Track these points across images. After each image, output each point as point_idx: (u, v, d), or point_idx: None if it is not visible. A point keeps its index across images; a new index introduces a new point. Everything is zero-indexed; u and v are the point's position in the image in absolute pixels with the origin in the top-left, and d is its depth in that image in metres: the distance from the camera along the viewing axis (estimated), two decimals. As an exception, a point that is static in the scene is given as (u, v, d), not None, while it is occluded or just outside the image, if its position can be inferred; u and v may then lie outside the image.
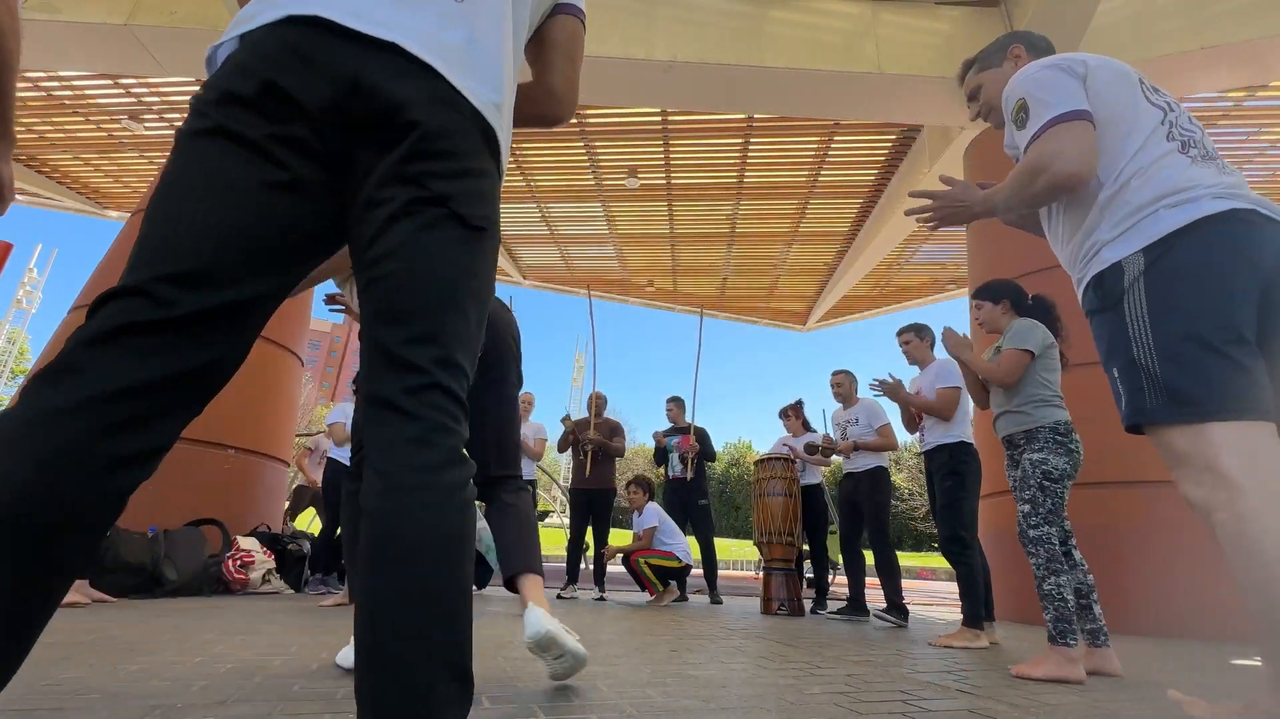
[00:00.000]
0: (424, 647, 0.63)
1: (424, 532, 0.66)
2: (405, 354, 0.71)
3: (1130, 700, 1.84)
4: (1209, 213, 1.16)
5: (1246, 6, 5.57)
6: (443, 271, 0.73)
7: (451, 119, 0.75)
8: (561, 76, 1.05)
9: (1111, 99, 1.32)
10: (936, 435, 3.45)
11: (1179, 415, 1.11)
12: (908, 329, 3.81)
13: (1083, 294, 1.34)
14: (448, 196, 0.73)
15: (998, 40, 1.73)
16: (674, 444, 5.70)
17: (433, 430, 0.69)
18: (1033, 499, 2.45)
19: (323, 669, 1.69)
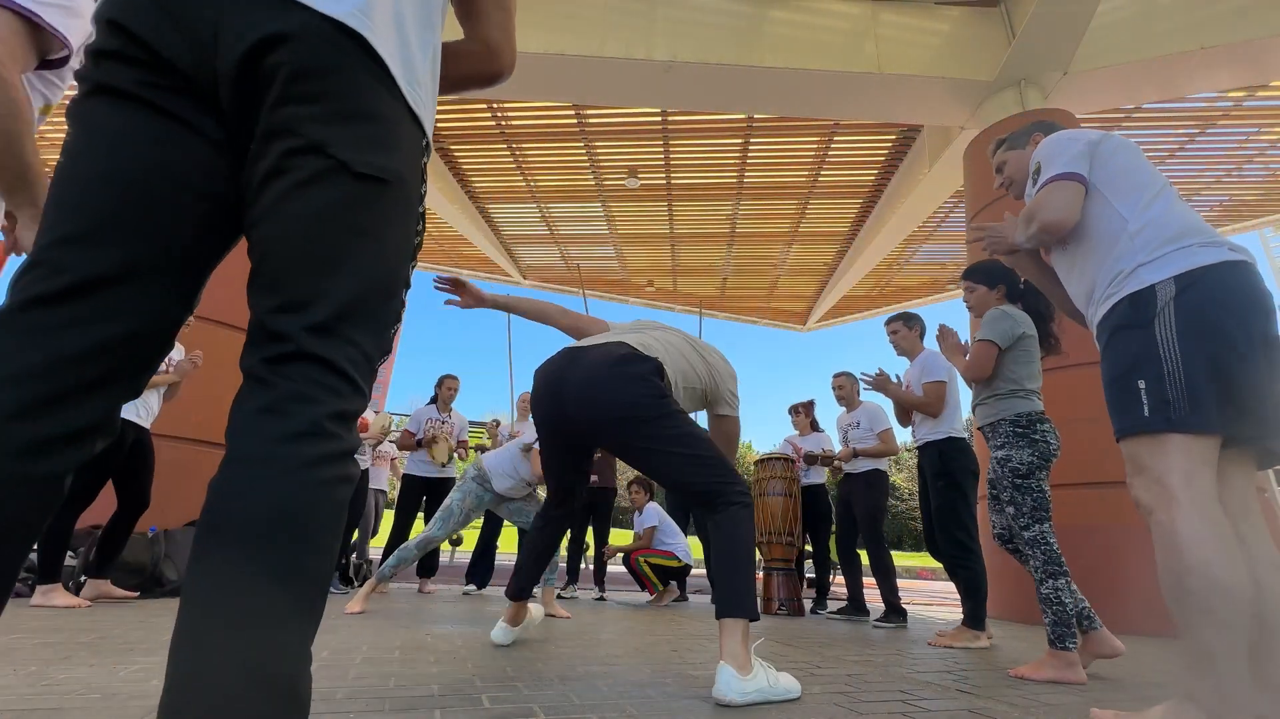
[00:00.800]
0: (232, 648, 0.54)
1: (256, 509, 0.58)
2: (270, 323, 0.65)
3: (1130, 700, 1.84)
4: (1231, 259, 1.38)
5: (1246, 6, 5.57)
6: (320, 232, 0.66)
7: (328, 56, 0.67)
8: (498, 29, 0.96)
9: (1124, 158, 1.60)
10: (925, 431, 3.42)
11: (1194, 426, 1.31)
12: (896, 318, 3.78)
13: (1112, 307, 1.49)
14: (324, 142, 0.66)
15: (1025, 127, 2.05)
16: None
17: (288, 399, 0.63)
18: (1012, 499, 2.40)
19: (322, 669, 1.69)
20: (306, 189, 0.66)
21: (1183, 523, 1.28)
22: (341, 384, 0.67)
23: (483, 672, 1.75)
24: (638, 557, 5.08)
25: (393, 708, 1.32)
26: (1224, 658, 1.20)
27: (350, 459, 0.67)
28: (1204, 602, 1.23)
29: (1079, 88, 6.00)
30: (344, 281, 0.67)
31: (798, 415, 5.25)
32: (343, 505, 0.65)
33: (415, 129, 0.76)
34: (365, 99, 0.69)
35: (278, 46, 0.65)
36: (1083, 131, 1.68)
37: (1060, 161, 1.62)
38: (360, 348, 0.69)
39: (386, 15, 0.72)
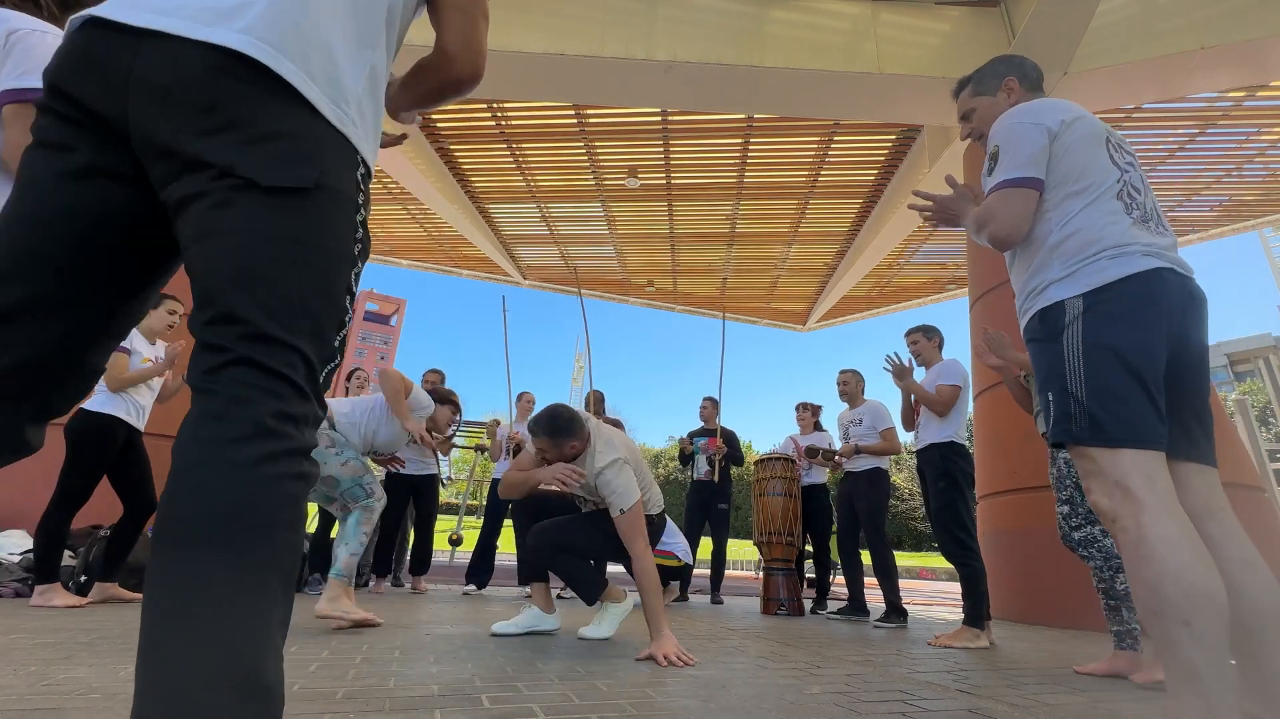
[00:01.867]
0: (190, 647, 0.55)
1: (203, 509, 0.60)
2: (206, 337, 0.69)
3: (1130, 700, 1.84)
4: (1139, 269, 1.35)
5: (1246, 6, 5.57)
6: (237, 248, 0.69)
7: (230, 87, 0.70)
8: (455, 35, 0.95)
9: (1076, 156, 1.50)
10: (930, 433, 3.47)
11: (1099, 440, 1.31)
12: (916, 330, 3.82)
13: (1027, 323, 1.51)
14: (232, 165, 0.69)
15: (993, 65, 1.82)
16: (701, 445, 5.69)
17: (229, 404, 0.66)
18: (1070, 499, 2.41)
19: (322, 669, 1.69)
20: (222, 209, 0.69)
21: (1152, 528, 1.22)
22: (281, 386, 0.69)
23: (483, 672, 1.74)
24: None
25: (393, 708, 1.32)
26: (1208, 674, 1.13)
27: (301, 456, 0.69)
28: (1182, 613, 1.16)
29: (1079, 88, 6.00)
30: (273, 291, 0.70)
31: (804, 413, 5.25)
32: (295, 499, 0.67)
33: (343, 147, 0.78)
34: (271, 121, 0.72)
35: (181, 85, 0.69)
36: (1047, 114, 1.53)
37: (1018, 159, 1.50)
38: (299, 353, 0.71)
39: (304, 38, 0.75)
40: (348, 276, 0.78)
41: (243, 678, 0.57)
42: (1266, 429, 35.78)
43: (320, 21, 0.77)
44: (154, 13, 0.71)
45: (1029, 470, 5.01)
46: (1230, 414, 9.05)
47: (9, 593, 3.14)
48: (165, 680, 0.55)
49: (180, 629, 0.56)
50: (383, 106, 0.89)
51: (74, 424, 3.05)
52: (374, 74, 0.84)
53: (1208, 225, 9.77)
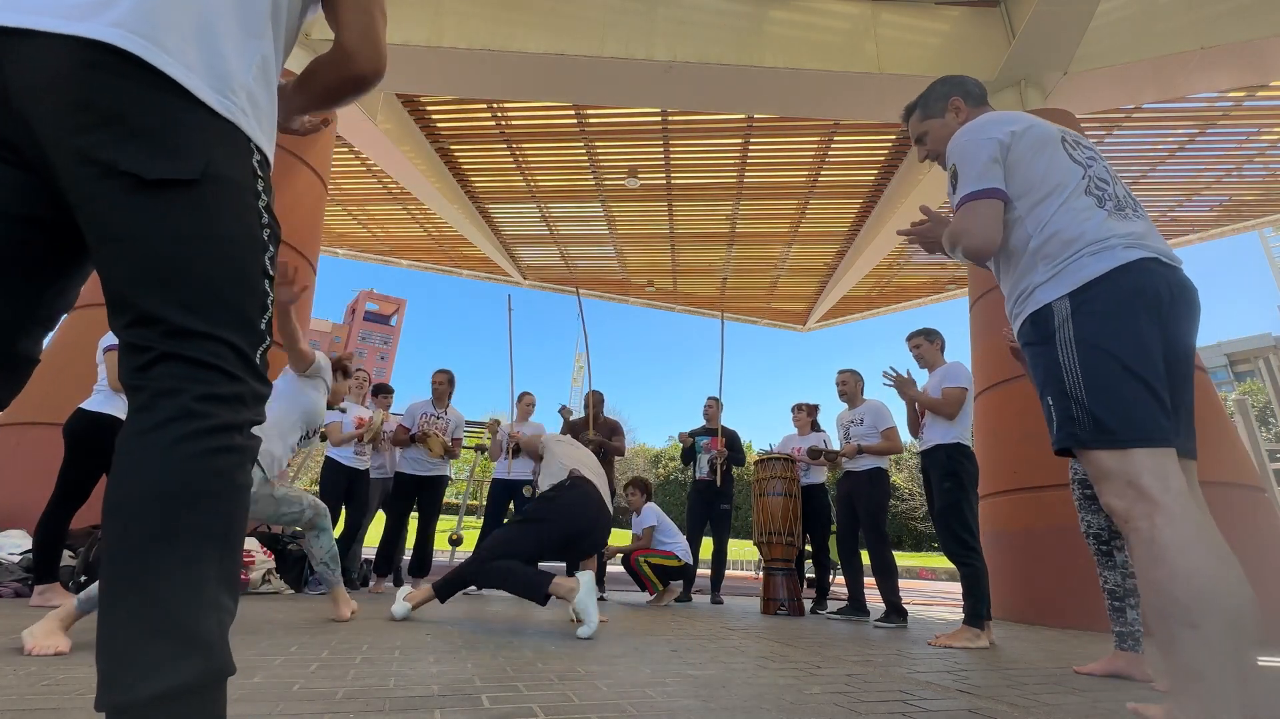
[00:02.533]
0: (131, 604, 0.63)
1: (135, 488, 0.66)
2: (128, 338, 0.72)
3: (1129, 700, 1.84)
4: (1122, 262, 1.34)
5: (1246, 6, 5.57)
6: (142, 248, 0.70)
7: (103, 81, 0.69)
8: (353, 31, 0.95)
9: (1033, 163, 1.51)
10: (935, 434, 3.46)
11: (1106, 442, 1.29)
12: (917, 334, 3.81)
13: (1019, 328, 1.52)
14: (115, 161, 0.69)
15: (935, 87, 1.87)
16: (703, 445, 5.68)
17: (155, 396, 0.70)
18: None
19: (322, 669, 1.69)
20: (116, 212, 0.70)
21: (1165, 529, 1.21)
22: (206, 373, 0.72)
23: (483, 672, 1.74)
24: (637, 557, 5.08)
25: (393, 708, 1.32)
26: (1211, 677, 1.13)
27: (230, 431, 0.72)
28: (1189, 615, 1.16)
29: (1079, 88, 6.00)
30: (184, 287, 0.71)
31: (800, 413, 5.25)
32: (224, 471, 0.71)
33: (232, 134, 0.78)
34: (150, 114, 0.71)
35: (55, 83, 0.68)
36: (995, 127, 1.55)
37: (974, 173, 1.52)
38: (223, 341, 0.73)
39: (183, 27, 0.74)
40: (261, 261, 0.79)
41: (179, 632, 0.64)
42: (1266, 429, 35.78)
43: (200, 12, 0.76)
44: (21, 11, 0.69)
45: (1029, 470, 5.01)
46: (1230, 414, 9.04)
47: (9, 593, 3.14)
48: (113, 638, 0.63)
49: (123, 595, 0.64)
50: (275, 98, 0.88)
51: (71, 424, 3.05)
52: (265, 64, 0.84)
53: (1208, 225, 9.77)
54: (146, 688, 0.61)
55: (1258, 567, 3.97)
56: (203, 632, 0.65)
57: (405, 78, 6.42)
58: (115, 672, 0.62)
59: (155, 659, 0.62)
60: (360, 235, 11.37)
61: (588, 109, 7.43)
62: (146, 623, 0.63)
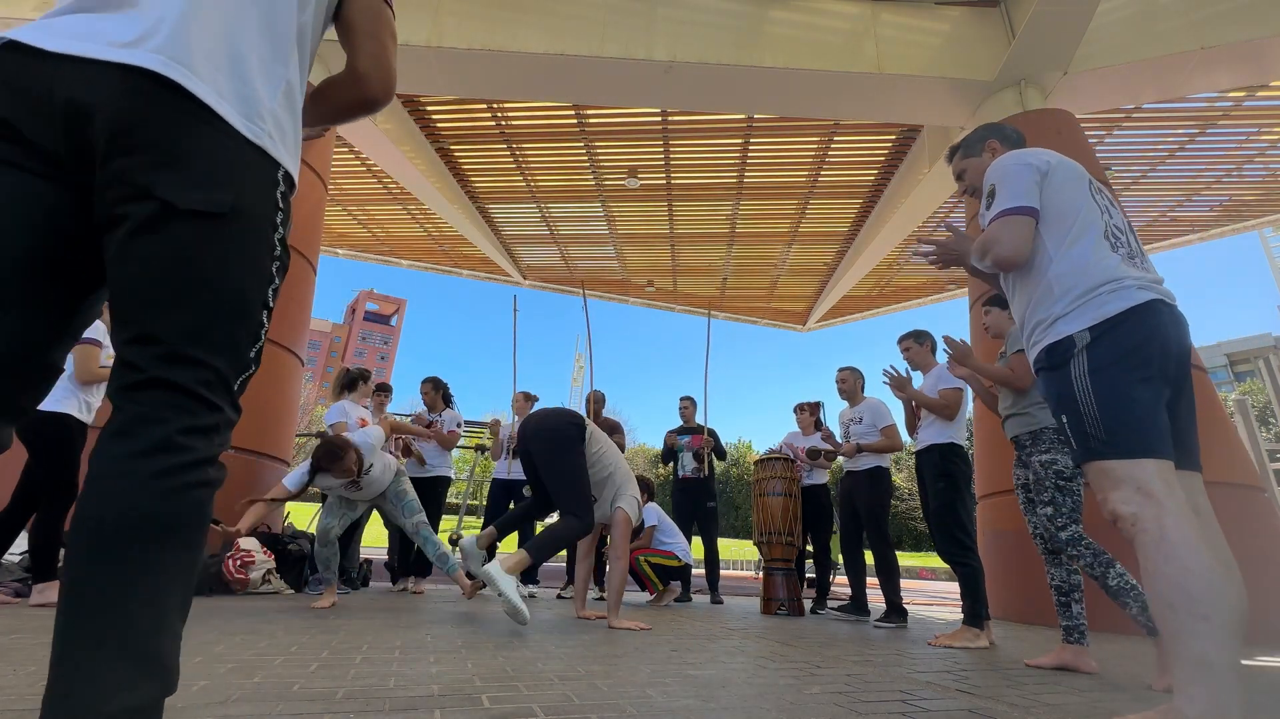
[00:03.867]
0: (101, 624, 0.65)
1: (109, 515, 0.68)
2: (123, 354, 0.74)
3: (1130, 700, 1.84)
4: (1138, 302, 1.48)
5: (1246, 6, 5.57)
6: (157, 271, 0.73)
7: (143, 107, 0.73)
8: (366, 58, 1.02)
9: (1065, 195, 1.65)
10: (930, 434, 3.47)
11: (1120, 452, 1.40)
12: (907, 336, 3.81)
13: (1036, 354, 1.63)
14: (150, 185, 0.72)
15: (978, 132, 2.12)
16: (685, 443, 5.68)
17: (134, 422, 0.72)
18: (1053, 500, 2.50)
19: (322, 669, 1.69)
20: (142, 233, 0.73)
21: (1174, 529, 1.29)
22: (191, 403, 0.75)
23: (483, 672, 1.75)
24: (637, 556, 5.08)
25: (393, 708, 1.32)
26: (1219, 667, 1.19)
27: (205, 466, 0.75)
28: (1201, 607, 1.22)
29: (1079, 88, 6.00)
30: (188, 312, 0.75)
31: (802, 414, 5.24)
32: (198, 505, 0.74)
33: (262, 160, 0.81)
34: (187, 140, 0.75)
35: (97, 106, 0.72)
36: (1034, 156, 1.71)
37: (1014, 192, 1.66)
38: (212, 368, 0.77)
39: (214, 55, 0.79)
40: (265, 294, 0.83)
41: (144, 656, 0.67)
42: (1266, 429, 35.77)
43: (231, 41, 0.81)
44: (71, 38, 0.74)
45: (1029, 470, 5.00)
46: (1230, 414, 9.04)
47: (9, 593, 3.14)
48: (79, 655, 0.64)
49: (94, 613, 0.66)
50: (300, 120, 0.93)
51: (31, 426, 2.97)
52: (289, 90, 0.89)
53: (1208, 225, 9.77)
54: (107, 706, 0.64)
55: (1258, 567, 3.97)
56: (164, 656, 0.69)
57: (405, 78, 6.41)
58: (77, 688, 0.64)
59: (120, 680, 0.65)
60: (360, 235, 11.37)
61: (588, 109, 7.43)
62: (116, 645, 0.65)
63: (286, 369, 5.47)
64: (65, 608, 0.67)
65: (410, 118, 7.80)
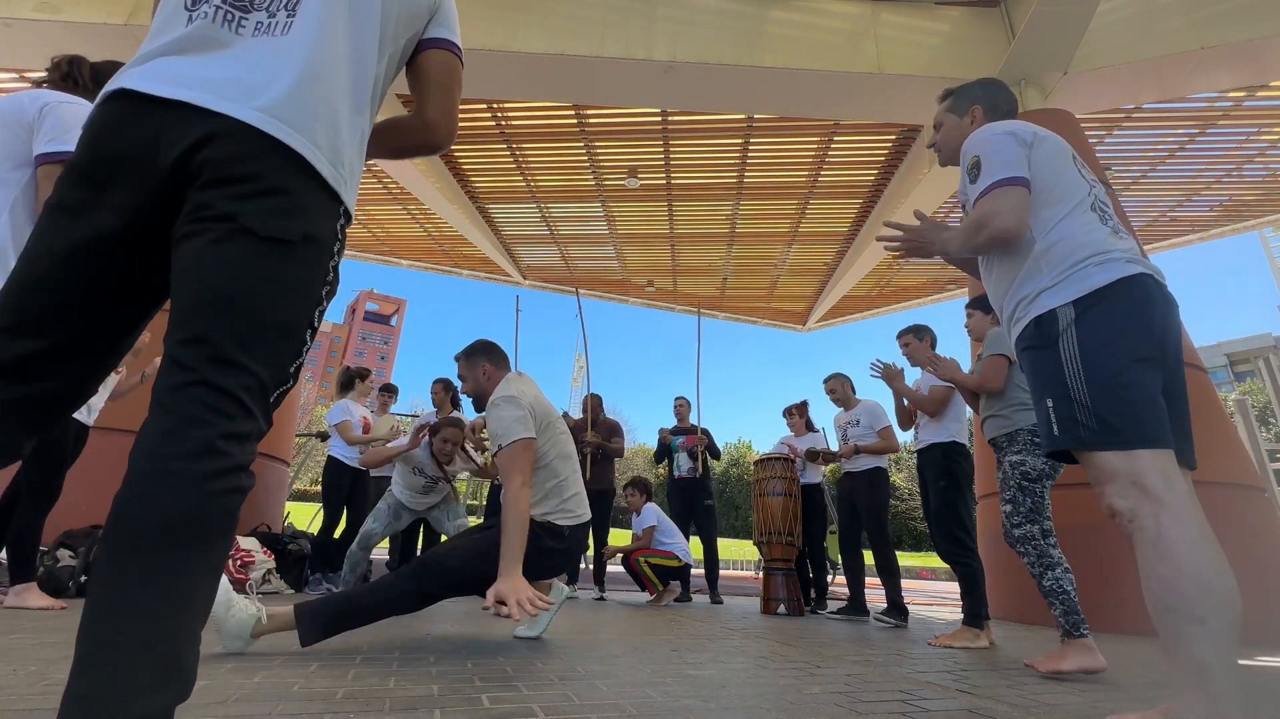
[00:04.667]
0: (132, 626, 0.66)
1: (153, 517, 0.69)
2: (175, 354, 0.77)
3: (1129, 701, 1.84)
4: (1125, 274, 1.41)
5: (1246, 6, 5.57)
6: (222, 280, 0.78)
7: (243, 153, 0.80)
8: (436, 108, 1.10)
9: (1051, 169, 1.57)
10: (929, 433, 3.47)
11: (1113, 443, 1.32)
12: (906, 331, 3.81)
13: (1021, 331, 1.55)
14: (235, 213, 0.78)
15: (972, 87, 1.95)
16: (679, 443, 5.69)
17: (183, 423, 0.74)
18: (1013, 499, 2.54)
19: (322, 669, 1.69)
20: (217, 245, 0.78)
21: (1171, 527, 1.24)
22: (233, 408, 0.78)
23: (483, 672, 1.75)
24: (637, 557, 5.08)
25: (393, 708, 1.32)
26: (1218, 671, 1.15)
27: (241, 473, 0.78)
28: (1197, 610, 1.18)
29: (1079, 88, 6.00)
30: (244, 321, 0.79)
31: (792, 417, 5.25)
32: (231, 512, 0.76)
33: (331, 202, 0.89)
34: (275, 180, 0.82)
35: (202, 148, 0.79)
36: (1019, 128, 1.62)
37: (1002, 163, 1.57)
38: (256, 377, 0.80)
39: (315, 114, 0.86)
40: (312, 314, 0.88)
41: (171, 661, 0.68)
42: (1266, 429, 35.76)
43: (331, 99, 0.89)
44: (178, 85, 0.81)
45: (1029, 470, 5.00)
46: (1230, 414, 9.04)
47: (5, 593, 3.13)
48: (107, 654, 0.65)
49: (125, 614, 0.66)
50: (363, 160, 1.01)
51: None
52: (363, 137, 0.98)
53: (1208, 225, 9.77)
54: (126, 711, 0.64)
55: (1258, 567, 3.97)
56: (184, 662, 0.70)
57: (405, 78, 6.41)
58: (98, 689, 0.64)
59: (142, 684, 0.65)
60: (360, 235, 11.37)
61: (588, 109, 7.42)
62: (141, 648, 0.66)
63: (286, 369, 5.46)
64: (94, 605, 0.67)
65: (410, 118, 7.79)
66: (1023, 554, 2.48)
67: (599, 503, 5.33)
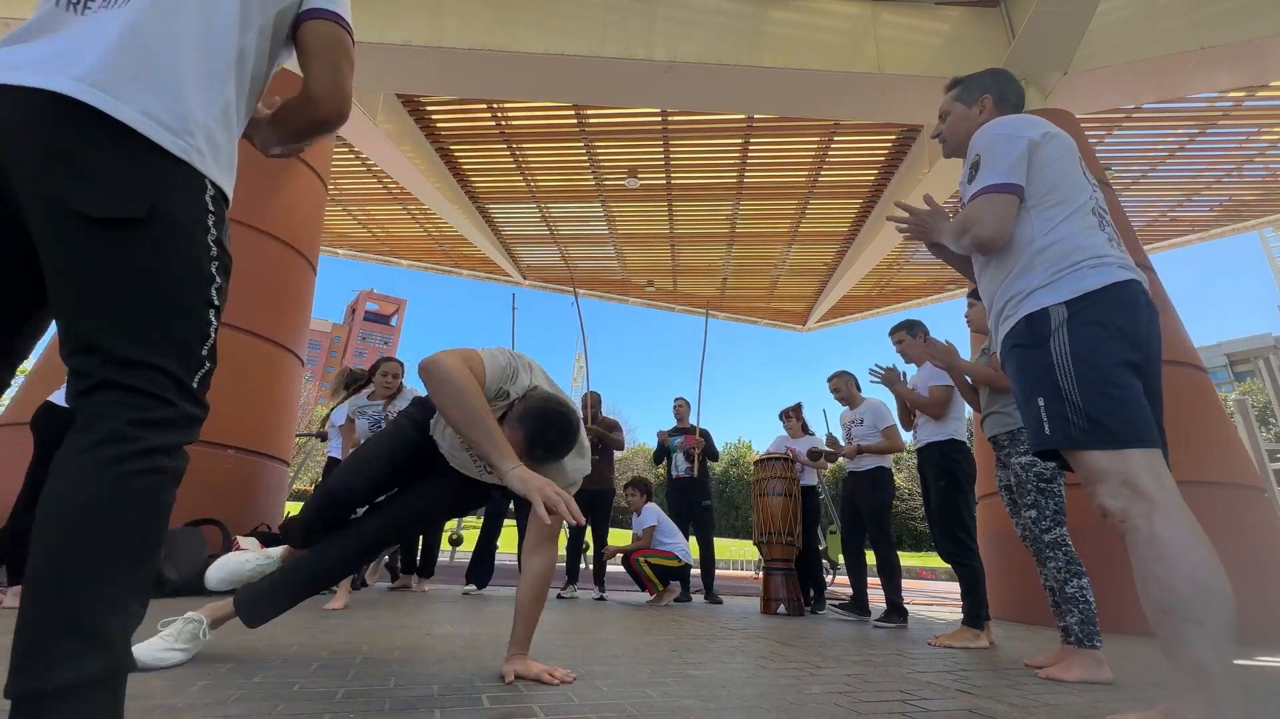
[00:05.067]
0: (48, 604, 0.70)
1: (66, 503, 0.73)
2: (73, 364, 0.79)
3: (1129, 701, 1.84)
4: (1118, 279, 1.42)
5: (1246, 6, 5.57)
6: (90, 281, 0.77)
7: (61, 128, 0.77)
8: (318, 80, 1.06)
9: (1057, 168, 1.56)
10: (929, 432, 3.45)
11: (1103, 442, 1.32)
12: (899, 328, 3.79)
13: (1012, 328, 1.54)
14: (65, 199, 0.76)
15: (981, 77, 1.90)
16: (678, 443, 5.70)
17: (92, 419, 0.77)
18: (1036, 503, 2.48)
19: (322, 669, 1.69)
20: (67, 245, 0.77)
21: (1164, 527, 1.24)
22: (141, 399, 0.79)
23: (483, 672, 1.75)
24: (637, 557, 5.08)
25: (393, 708, 1.32)
26: (1217, 672, 1.15)
27: (157, 454, 0.79)
28: (1195, 611, 1.18)
29: (1079, 88, 6.00)
30: (126, 318, 0.78)
31: (789, 420, 5.25)
32: (147, 490, 0.78)
33: (187, 175, 0.85)
34: (101, 157, 0.78)
35: (23, 131, 0.76)
36: (1026, 126, 1.59)
37: (999, 167, 1.55)
38: (158, 369, 0.80)
39: (145, 77, 0.82)
40: (208, 293, 0.86)
41: (87, 632, 0.71)
42: (1266, 429, 35.76)
43: (166, 63, 0.85)
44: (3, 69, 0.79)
45: (1029, 470, 5.00)
46: (1230, 414, 9.04)
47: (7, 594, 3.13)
48: (28, 632, 0.69)
49: (44, 594, 0.71)
50: (235, 137, 0.96)
51: (37, 417, 2.96)
52: (227, 108, 0.93)
53: (1208, 225, 9.77)
54: (53, 679, 0.68)
55: (1258, 567, 3.97)
56: (111, 634, 0.73)
57: (405, 78, 6.42)
58: (27, 662, 0.68)
59: (64, 654, 0.69)
60: (360, 235, 11.37)
61: (588, 109, 7.42)
62: (61, 621, 0.70)
63: (286, 369, 5.47)
64: (24, 589, 0.72)
65: (410, 118, 7.80)
66: (1050, 559, 2.44)
67: (599, 503, 5.34)
